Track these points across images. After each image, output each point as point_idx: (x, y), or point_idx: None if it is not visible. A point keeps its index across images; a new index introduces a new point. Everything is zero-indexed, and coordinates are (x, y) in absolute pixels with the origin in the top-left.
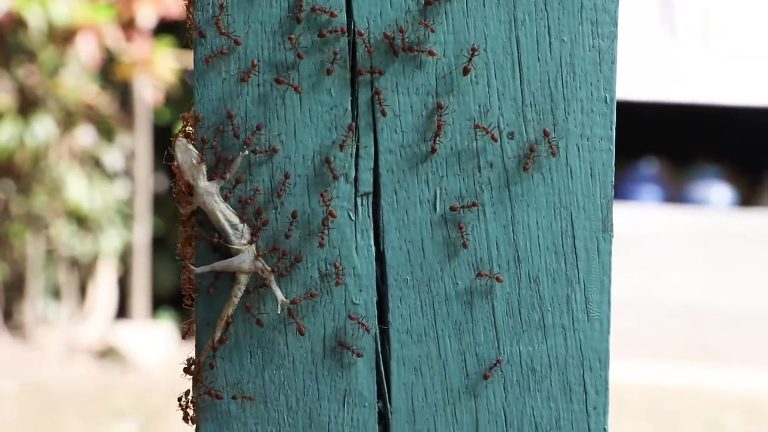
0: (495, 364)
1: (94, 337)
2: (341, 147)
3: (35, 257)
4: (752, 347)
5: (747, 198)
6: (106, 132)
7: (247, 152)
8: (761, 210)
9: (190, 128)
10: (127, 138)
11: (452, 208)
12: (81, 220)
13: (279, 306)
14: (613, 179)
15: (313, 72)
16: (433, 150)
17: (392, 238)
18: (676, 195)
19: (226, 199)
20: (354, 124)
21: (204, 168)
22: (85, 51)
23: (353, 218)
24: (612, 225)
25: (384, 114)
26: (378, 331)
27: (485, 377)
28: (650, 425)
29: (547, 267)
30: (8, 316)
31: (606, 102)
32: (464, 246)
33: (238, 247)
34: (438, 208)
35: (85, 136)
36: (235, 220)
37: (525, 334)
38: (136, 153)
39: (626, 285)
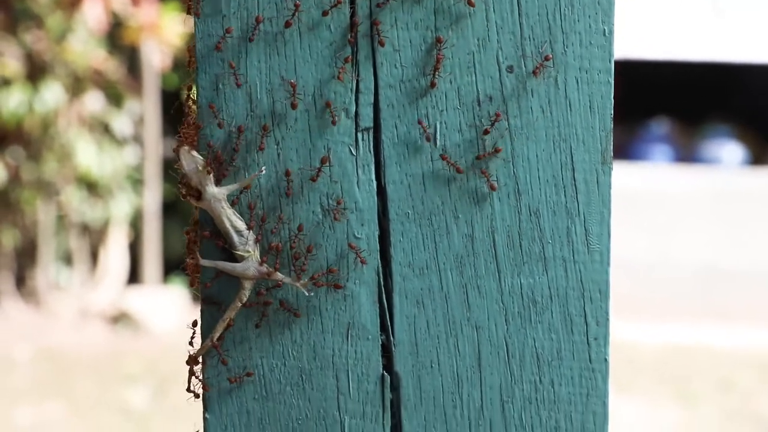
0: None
1: (106, 303)
2: (339, 78)
3: (46, 223)
4: (763, 305)
5: (758, 157)
6: (115, 97)
7: (264, 171)
8: None
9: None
10: (135, 103)
11: (478, 158)
12: (91, 186)
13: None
14: (612, 112)
15: (312, 6)
16: (433, 84)
17: (393, 173)
18: (687, 154)
19: (233, 204)
20: (352, 57)
21: (211, 174)
22: (92, 16)
23: (354, 153)
24: (611, 157)
25: (382, 44)
26: (380, 265)
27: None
28: (662, 384)
29: (547, 199)
30: (21, 282)
31: (604, 34)
32: (492, 188)
33: (242, 253)
34: (438, 142)
35: (93, 101)
36: (241, 226)
37: (526, 266)
38: (145, 118)
39: (637, 245)
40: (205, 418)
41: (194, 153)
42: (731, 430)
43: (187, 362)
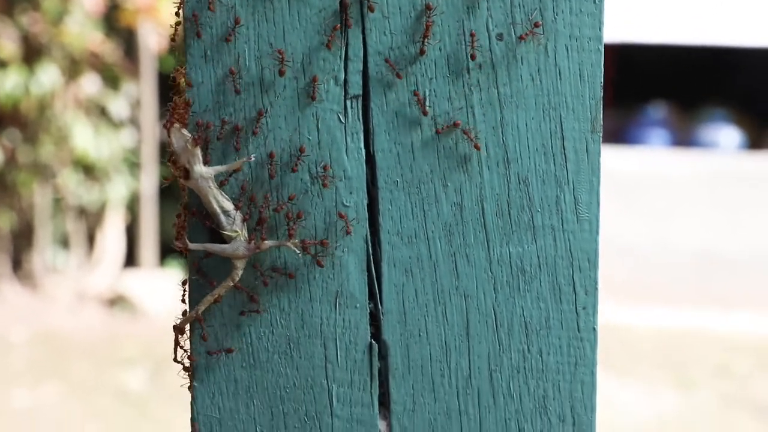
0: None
1: (103, 286)
2: (328, 46)
3: (43, 206)
4: (760, 291)
5: (755, 141)
6: (111, 80)
7: (253, 158)
8: None
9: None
10: (132, 86)
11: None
12: (88, 169)
13: (299, 253)
14: (602, 80)
15: None
16: (422, 52)
17: (382, 141)
18: (684, 138)
19: (221, 185)
20: (340, 25)
21: (199, 152)
22: None
23: (343, 121)
24: (601, 125)
25: (372, 10)
26: (369, 233)
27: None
28: (659, 369)
29: (537, 168)
30: (17, 265)
31: (595, 2)
32: (476, 148)
33: (230, 233)
34: (428, 110)
35: (90, 84)
36: (228, 206)
37: (514, 234)
38: (142, 101)
39: (634, 229)
40: (192, 386)
41: (184, 131)
42: (728, 415)
43: (174, 330)
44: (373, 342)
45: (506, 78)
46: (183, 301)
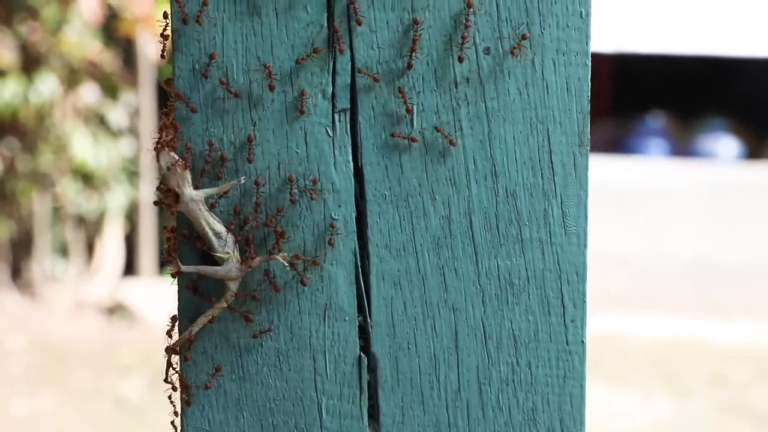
0: None
1: (101, 294)
2: (300, 61)
3: (42, 215)
4: (758, 300)
5: (754, 151)
6: (110, 89)
7: (243, 180)
8: None
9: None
10: (131, 95)
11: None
12: (87, 178)
13: (287, 268)
14: (589, 94)
15: None
16: (410, 66)
17: (370, 154)
18: (682, 148)
19: (212, 207)
20: (328, 38)
21: (188, 175)
22: (87, 7)
23: (331, 134)
24: (588, 139)
25: (359, 23)
26: (357, 246)
27: None
28: (655, 378)
29: (524, 181)
30: (16, 273)
31: (581, 16)
32: (452, 144)
33: (222, 255)
34: (415, 124)
35: (88, 93)
36: (220, 228)
37: (503, 248)
38: (141, 110)
39: (632, 238)
40: (182, 398)
41: (172, 154)
42: (725, 424)
43: (166, 351)
44: (362, 355)
45: (494, 92)
46: (169, 335)
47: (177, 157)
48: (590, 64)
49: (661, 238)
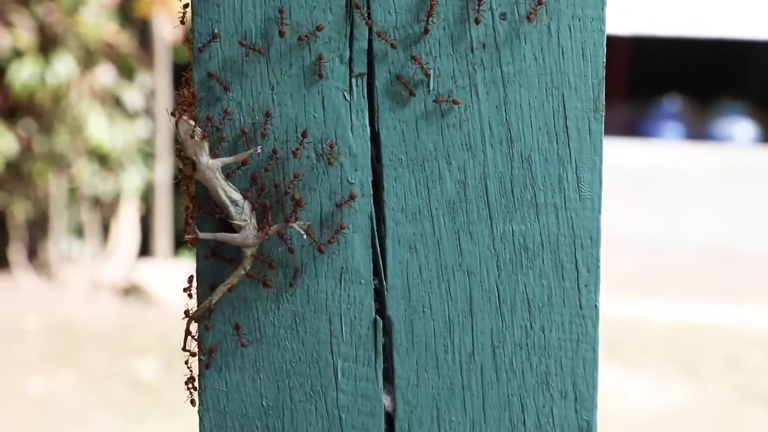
0: None
1: (117, 275)
2: (303, 38)
3: (58, 196)
4: None
5: None
6: (126, 71)
7: (260, 149)
8: None
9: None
10: (147, 76)
11: (436, 101)
12: (102, 159)
13: (304, 235)
14: (605, 60)
15: None
16: (426, 31)
17: (386, 118)
18: (698, 132)
19: (229, 176)
20: (346, 2)
21: (206, 144)
22: None
23: (348, 99)
24: (603, 105)
25: None
26: (373, 210)
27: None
28: (670, 362)
29: (539, 146)
30: (32, 254)
31: None
32: (426, 75)
33: (239, 223)
34: (432, 89)
35: (105, 74)
36: (236, 196)
37: (517, 212)
38: (156, 91)
39: (647, 222)
40: (200, 359)
41: (191, 122)
42: (739, 408)
43: (186, 318)
44: (378, 318)
45: (509, 57)
46: (189, 295)
47: (194, 125)
48: (606, 29)
49: (677, 221)
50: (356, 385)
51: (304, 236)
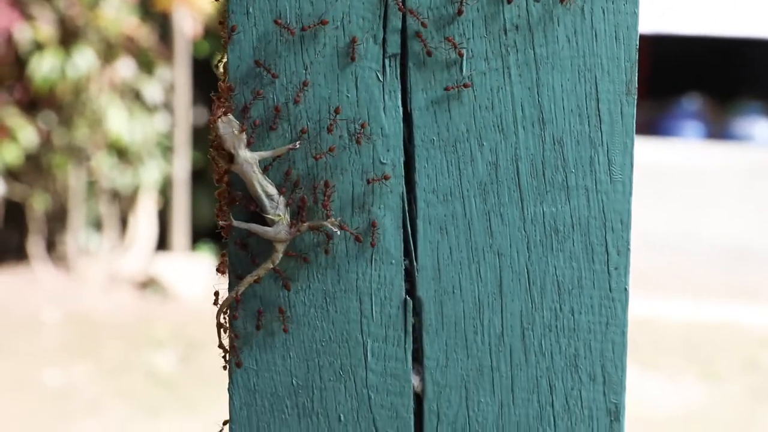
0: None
1: (135, 268)
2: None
3: (77, 189)
4: None
5: None
6: (146, 64)
7: (297, 146)
8: None
9: (223, 101)
10: (166, 71)
11: (446, 89)
12: (121, 153)
13: (337, 232)
14: (638, 43)
15: None
16: (460, 12)
17: (419, 99)
18: (718, 131)
19: (265, 170)
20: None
21: (245, 137)
22: None
23: (381, 79)
24: (636, 88)
25: None
26: (405, 191)
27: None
28: (686, 362)
29: (571, 129)
30: (51, 246)
31: None
32: (460, 55)
33: (273, 217)
34: (465, 70)
35: (125, 68)
36: (272, 190)
37: (548, 194)
38: (176, 86)
39: (666, 221)
40: (230, 338)
41: (230, 116)
42: (756, 409)
43: (217, 312)
44: (408, 298)
45: (543, 39)
46: (218, 270)
47: (234, 120)
48: (639, 13)
49: (695, 221)
50: (386, 365)
51: (338, 232)
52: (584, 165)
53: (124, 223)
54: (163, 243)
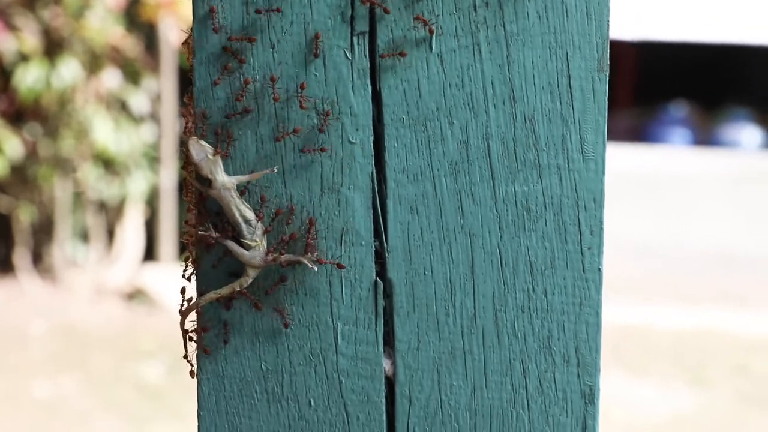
0: None
1: (122, 280)
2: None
3: (63, 200)
4: None
5: None
6: (132, 75)
7: (276, 170)
8: None
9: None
10: (152, 81)
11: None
12: (108, 164)
13: (314, 267)
14: (609, 19)
15: None
16: None
17: (388, 77)
18: (705, 138)
19: (242, 194)
20: None
21: (220, 161)
22: None
23: (349, 57)
24: (608, 65)
25: None
26: (374, 171)
27: None
28: (676, 368)
29: (543, 107)
30: (37, 258)
31: None
32: (430, 32)
33: (250, 243)
34: (434, 48)
35: (110, 78)
36: (250, 215)
37: (520, 173)
38: (162, 96)
39: (653, 227)
40: (198, 347)
41: (202, 142)
42: (746, 415)
43: (181, 319)
44: (378, 280)
45: (513, 15)
46: (183, 276)
47: (207, 146)
48: None
49: (683, 227)
50: (356, 348)
51: (315, 269)
52: (556, 143)
53: (110, 234)
54: (150, 254)
